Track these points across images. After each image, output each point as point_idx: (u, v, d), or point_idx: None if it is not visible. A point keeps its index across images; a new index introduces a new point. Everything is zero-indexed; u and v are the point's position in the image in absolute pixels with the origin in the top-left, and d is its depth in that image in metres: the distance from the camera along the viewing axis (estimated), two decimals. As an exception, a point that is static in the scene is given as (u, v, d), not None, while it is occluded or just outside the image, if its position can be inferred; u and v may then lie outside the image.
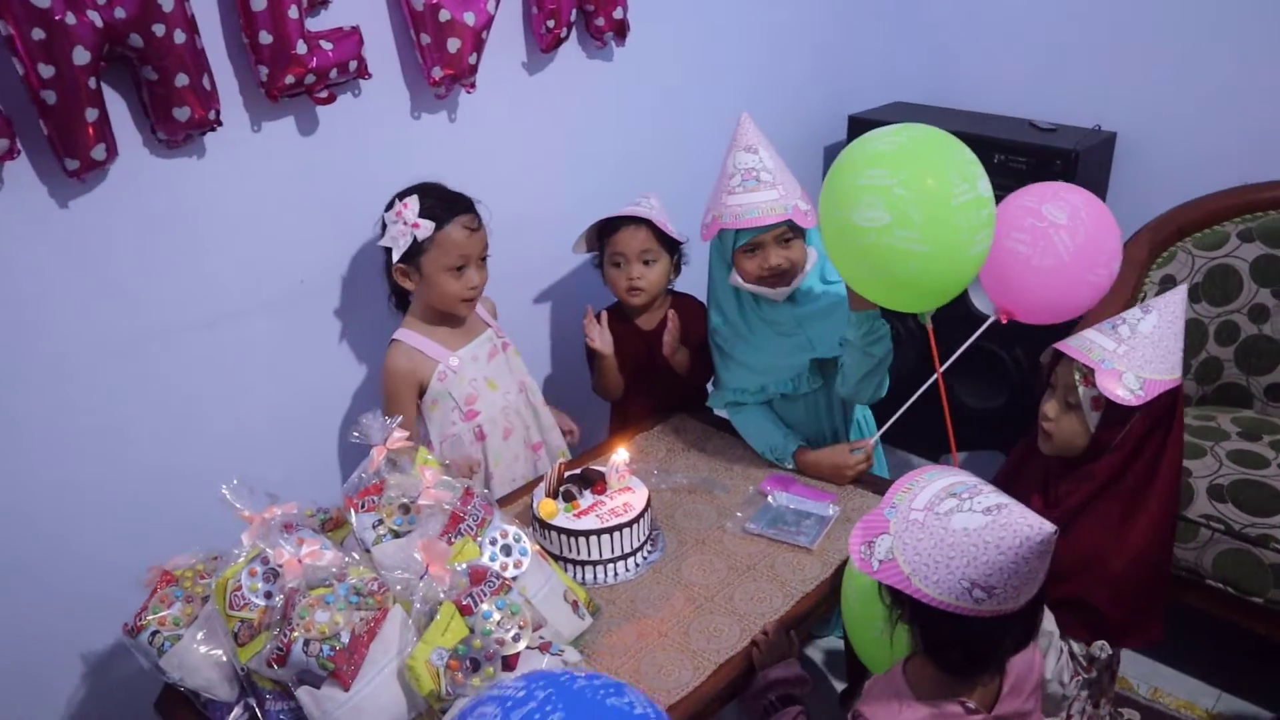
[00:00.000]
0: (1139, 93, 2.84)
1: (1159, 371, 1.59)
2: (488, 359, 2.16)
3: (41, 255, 1.73)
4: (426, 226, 1.96)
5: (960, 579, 1.23)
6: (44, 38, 1.56)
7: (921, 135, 1.76)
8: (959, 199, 1.68)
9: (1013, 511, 1.24)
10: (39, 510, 1.84)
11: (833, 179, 1.79)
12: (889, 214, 1.65)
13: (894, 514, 1.33)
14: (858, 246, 1.74)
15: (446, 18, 2.03)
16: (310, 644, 1.40)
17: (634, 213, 2.26)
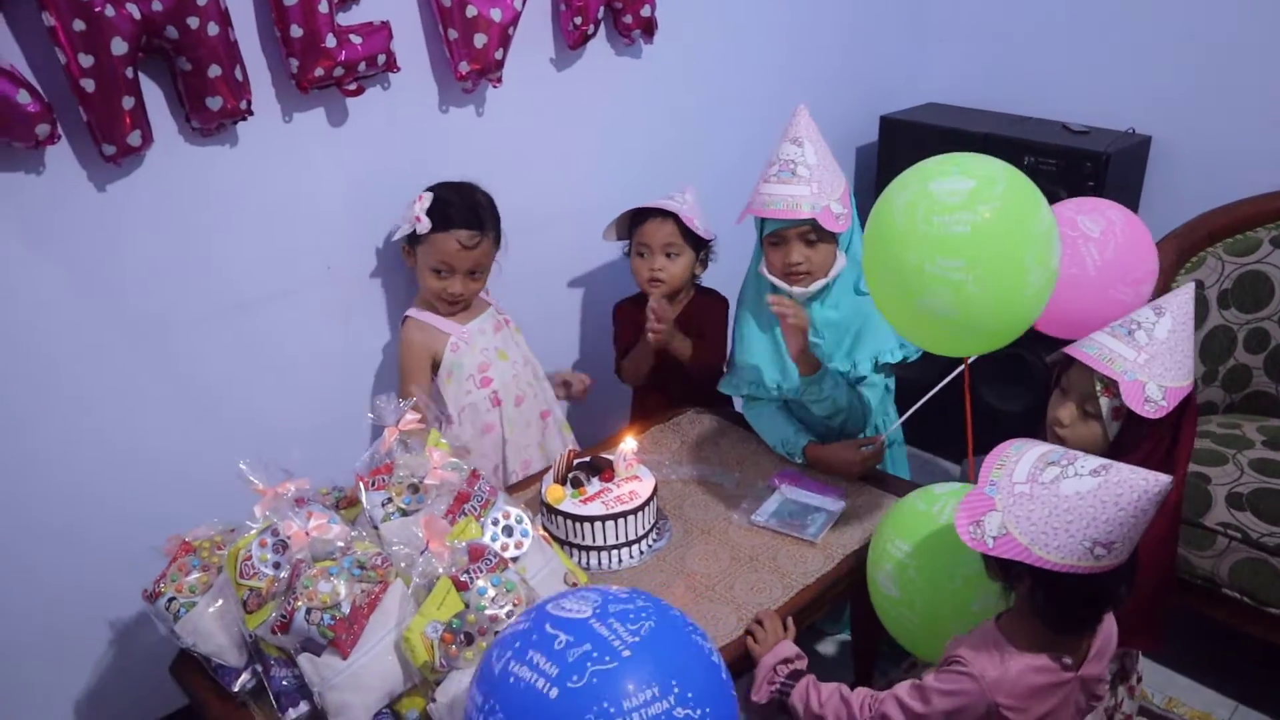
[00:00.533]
0: (1174, 97, 2.81)
1: (1177, 379, 1.57)
2: (494, 331, 2.25)
3: (79, 237, 1.82)
4: (425, 224, 2.05)
5: (1082, 540, 1.29)
6: (84, 29, 1.64)
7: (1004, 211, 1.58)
8: (1031, 289, 1.63)
9: (1121, 470, 1.30)
10: (73, 481, 1.93)
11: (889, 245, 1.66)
12: (957, 310, 1.61)
13: (996, 490, 1.37)
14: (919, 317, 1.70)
15: (474, 13, 2.09)
16: (312, 612, 1.45)
17: (663, 205, 2.30)
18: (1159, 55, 2.81)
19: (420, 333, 2.16)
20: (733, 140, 2.89)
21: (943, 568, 1.65)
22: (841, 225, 2.01)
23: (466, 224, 2.08)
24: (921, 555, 1.68)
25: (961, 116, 3.09)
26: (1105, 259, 1.83)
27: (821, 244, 2.06)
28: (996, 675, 1.38)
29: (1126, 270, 1.85)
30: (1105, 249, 1.83)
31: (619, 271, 2.54)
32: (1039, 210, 1.63)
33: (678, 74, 2.68)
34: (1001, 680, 1.38)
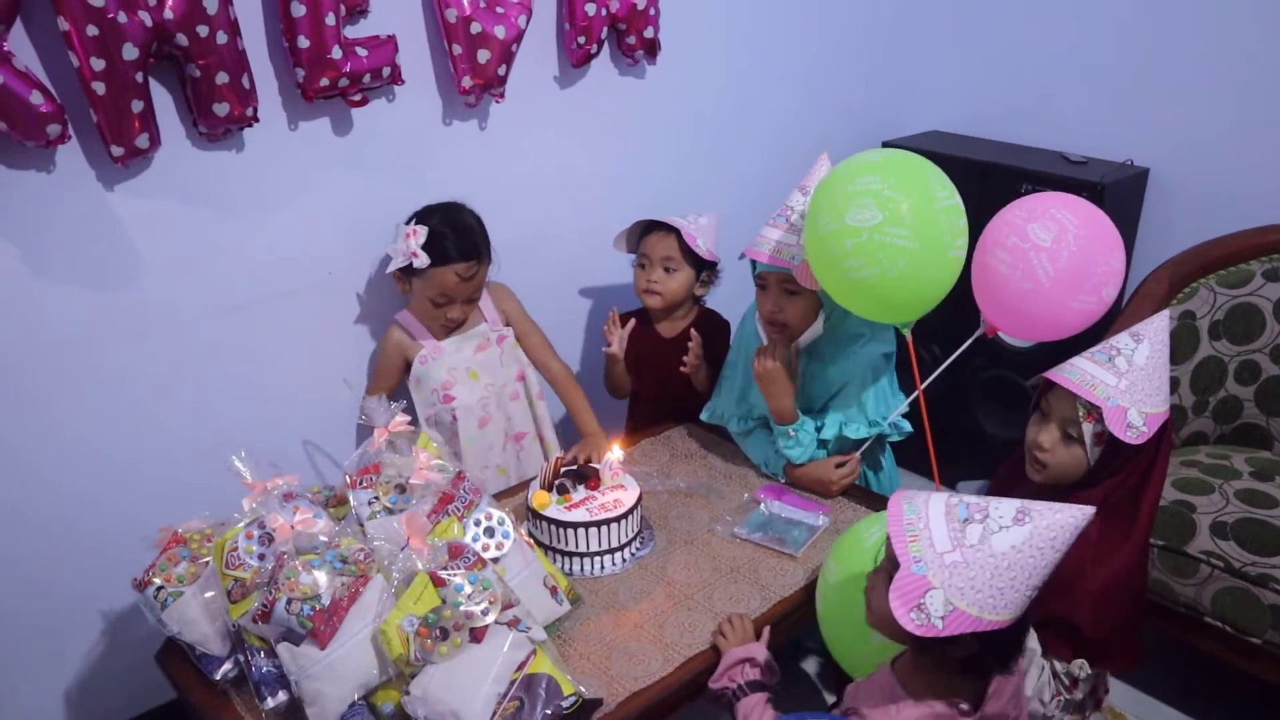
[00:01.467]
0: (1173, 129, 2.84)
1: (1156, 405, 1.60)
2: (475, 351, 2.28)
3: (84, 234, 1.88)
4: (423, 259, 2.09)
5: (1025, 591, 1.26)
6: (97, 34, 1.70)
7: (905, 155, 1.91)
8: (942, 203, 1.82)
9: (1040, 510, 1.27)
10: (69, 474, 1.98)
11: (820, 195, 1.90)
12: (881, 213, 1.77)
13: (925, 567, 1.28)
14: (848, 248, 1.81)
15: (478, 30, 2.14)
16: (292, 603, 1.49)
17: (668, 220, 2.34)
18: (1159, 89, 2.84)
19: (398, 337, 2.26)
20: (736, 163, 2.94)
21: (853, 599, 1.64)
22: (814, 284, 1.98)
23: (464, 256, 2.13)
24: (842, 580, 1.71)
25: (962, 144, 3.13)
26: (1059, 268, 1.80)
27: (800, 298, 2.07)
28: None
29: (1083, 278, 1.81)
30: (1058, 258, 1.79)
31: (617, 284, 2.58)
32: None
33: (680, 95, 2.73)
34: None
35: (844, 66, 3.13)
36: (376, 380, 2.30)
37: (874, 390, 2.09)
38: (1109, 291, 1.88)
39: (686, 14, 2.62)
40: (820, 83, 3.09)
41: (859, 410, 2.11)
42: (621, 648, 1.72)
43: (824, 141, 3.12)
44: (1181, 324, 2.49)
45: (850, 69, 3.16)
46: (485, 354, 2.29)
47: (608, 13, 2.40)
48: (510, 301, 2.37)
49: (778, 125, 3.03)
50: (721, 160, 2.91)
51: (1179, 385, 2.50)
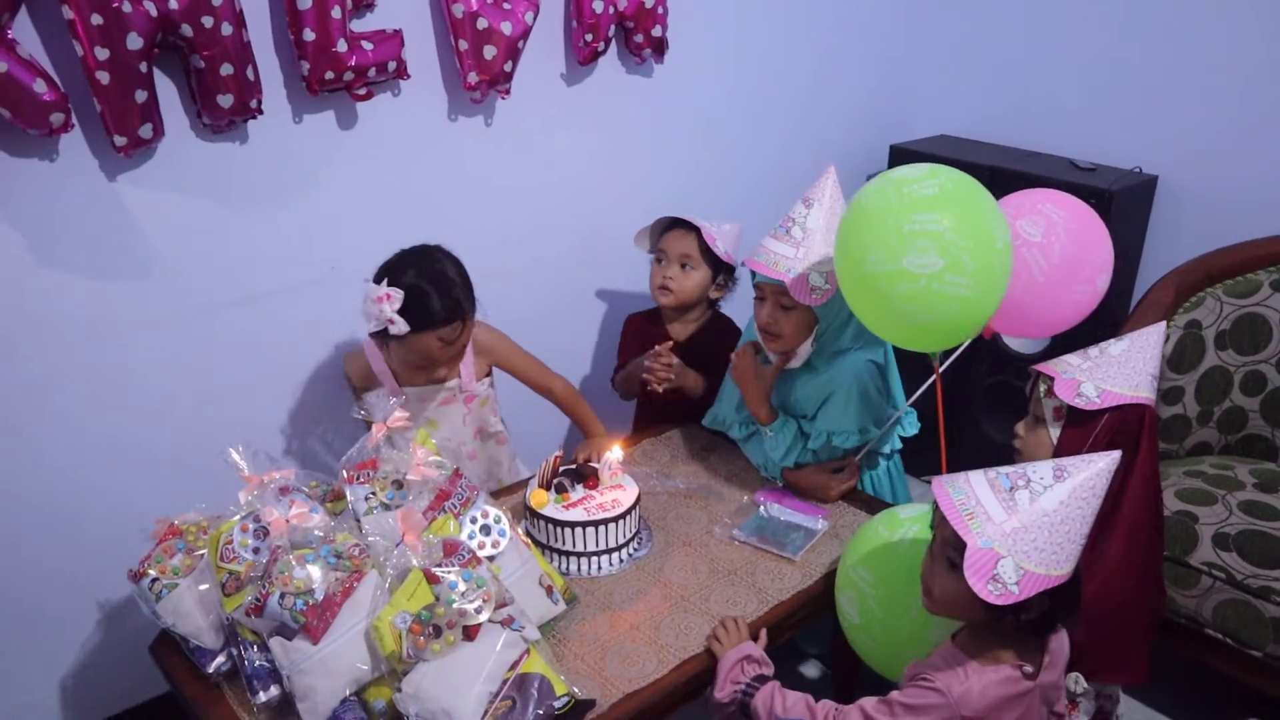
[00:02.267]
0: (1182, 137, 2.83)
1: (1119, 385, 1.60)
2: (439, 404, 2.13)
3: (86, 224, 1.88)
4: (401, 326, 1.87)
5: (1078, 540, 1.36)
6: (102, 23, 1.70)
7: (959, 179, 1.74)
8: (1000, 243, 1.71)
9: (1075, 464, 1.36)
10: (69, 464, 1.98)
11: (869, 226, 1.75)
12: (942, 259, 1.65)
13: (989, 541, 1.34)
14: (902, 292, 1.71)
15: (484, 26, 2.14)
16: (286, 597, 1.48)
17: (689, 218, 2.33)
18: (1169, 97, 2.83)
19: (358, 366, 2.13)
20: (741, 163, 2.93)
21: (900, 599, 1.67)
22: (813, 299, 1.97)
23: (447, 318, 1.91)
24: (880, 585, 1.71)
25: (971, 149, 3.12)
26: (1052, 262, 1.82)
27: (795, 312, 2.04)
28: (962, 690, 1.40)
29: (1077, 268, 1.84)
30: (1050, 252, 1.81)
31: (621, 281, 2.57)
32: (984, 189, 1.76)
33: (687, 95, 2.72)
34: (967, 695, 1.40)
35: (853, 69, 3.12)
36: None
37: (862, 399, 2.06)
38: (1103, 280, 1.90)
39: (695, 14, 2.61)
40: (829, 85, 3.08)
41: (848, 419, 2.08)
42: (616, 648, 1.71)
43: (832, 144, 3.13)
44: (1187, 333, 2.47)
45: (859, 72, 3.15)
46: (447, 408, 2.14)
47: (615, 10, 2.39)
48: (499, 348, 2.20)
49: (785, 127, 3.02)
50: (729, 160, 2.90)
51: (1184, 395, 2.48)
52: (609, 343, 2.80)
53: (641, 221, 2.42)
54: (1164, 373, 2.46)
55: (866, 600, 1.73)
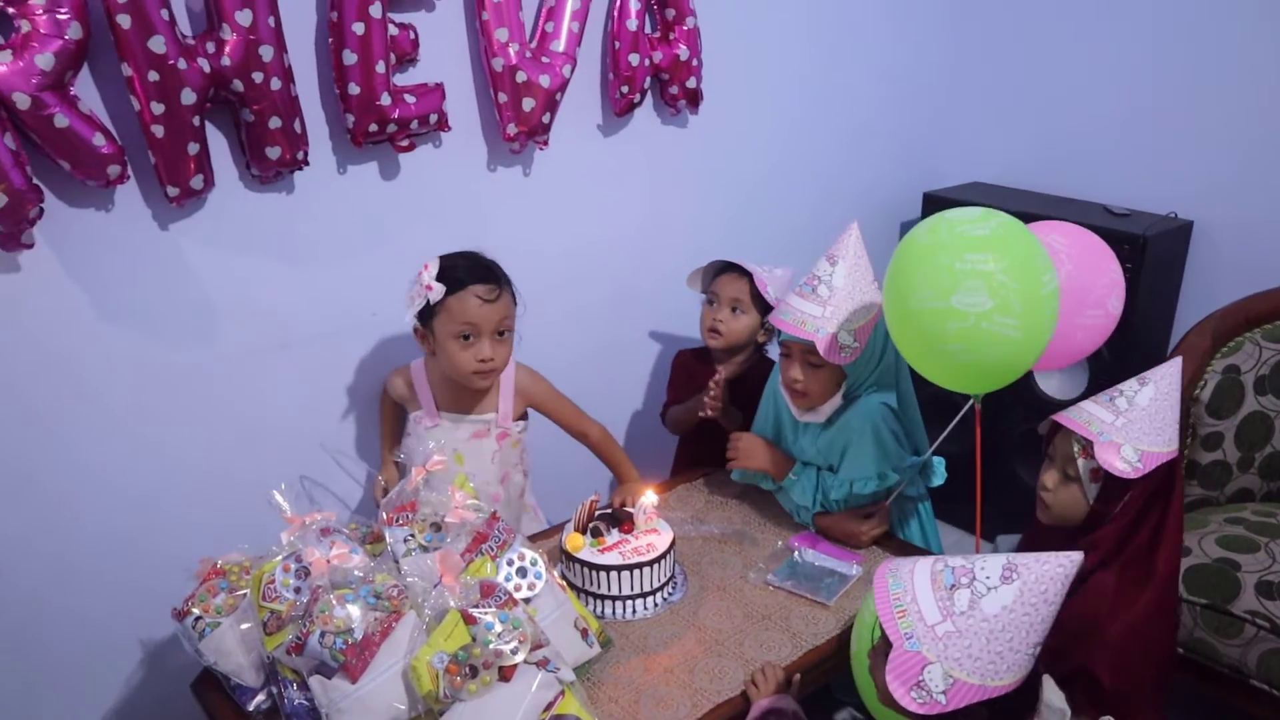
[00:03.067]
0: (1218, 182, 2.82)
1: (1156, 444, 1.60)
2: (469, 437, 2.14)
3: (140, 271, 1.94)
4: (438, 290, 1.93)
5: (1026, 650, 1.24)
6: (158, 79, 1.77)
7: (1009, 224, 1.77)
8: (1046, 288, 1.73)
9: (1027, 562, 1.25)
10: (116, 506, 2.03)
11: (919, 260, 1.78)
12: (991, 299, 1.67)
13: (918, 643, 1.27)
14: (950, 331, 1.73)
15: (523, 79, 2.20)
16: (326, 636, 1.51)
17: (742, 262, 2.37)
18: (1204, 142, 2.84)
19: (399, 382, 2.16)
20: (776, 211, 2.97)
21: None
22: (844, 358, 1.98)
23: (481, 279, 1.97)
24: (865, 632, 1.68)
25: (1004, 196, 3.13)
26: (1060, 287, 1.81)
27: (824, 370, 2.05)
28: None
29: (1085, 294, 1.86)
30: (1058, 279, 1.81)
31: (656, 327, 2.60)
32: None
33: (722, 145, 2.77)
34: None
35: (886, 118, 3.16)
36: (382, 424, 2.25)
37: (876, 443, 2.06)
38: (1114, 303, 1.92)
39: (729, 65, 2.66)
40: (862, 134, 3.12)
41: (865, 464, 2.08)
42: (651, 692, 1.72)
43: (866, 191, 3.16)
44: (1226, 378, 2.45)
45: (893, 120, 3.18)
46: (478, 442, 2.14)
47: (651, 63, 2.44)
48: (537, 388, 2.22)
49: (820, 175, 3.05)
50: (764, 209, 2.94)
51: (1224, 440, 2.46)
52: (646, 384, 2.84)
53: (678, 267, 2.46)
54: (1202, 418, 2.44)
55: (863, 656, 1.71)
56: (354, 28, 1.95)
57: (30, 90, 1.65)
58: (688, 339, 2.61)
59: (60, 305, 1.87)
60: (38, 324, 1.85)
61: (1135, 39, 2.91)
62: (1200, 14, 2.77)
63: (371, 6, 1.95)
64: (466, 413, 2.14)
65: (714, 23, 2.56)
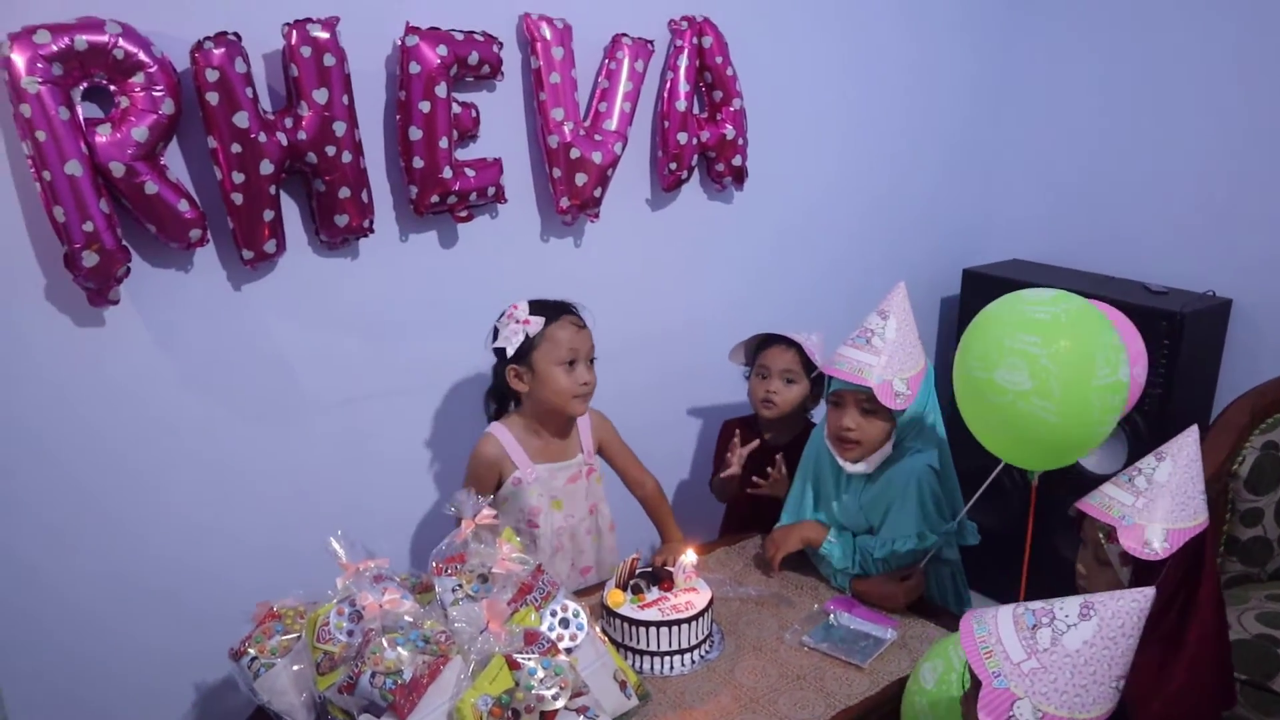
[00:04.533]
0: (1257, 262, 2.87)
1: (1181, 519, 1.61)
2: (565, 482, 2.26)
3: (214, 327, 2.07)
4: (537, 322, 2.11)
5: (1110, 682, 1.30)
6: (240, 151, 1.91)
7: (1078, 312, 1.79)
8: (1101, 380, 1.74)
9: (1104, 601, 1.31)
10: (179, 549, 2.13)
11: (979, 329, 1.84)
12: (1031, 381, 1.70)
13: (1004, 681, 1.32)
14: (991, 403, 1.79)
15: (576, 155, 2.32)
16: (376, 676, 1.57)
17: (789, 334, 2.45)
18: (1243, 220, 2.88)
19: (492, 449, 2.20)
20: (818, 286, 3.05)
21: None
22: (899, 404, 2.05)
23: (570, 309, 2.17)
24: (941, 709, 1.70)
25: (1043, 274, 3.19)
26: None
27: (877, 417, 2.13)
28: None
29: None
30: None
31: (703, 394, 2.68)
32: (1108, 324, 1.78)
33: (766, 220, 2.87)
34: None
35: (927, 194, 3.25)
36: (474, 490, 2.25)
37: (920, 503, 2.12)
38: (1137, 371, 1.92)
39: (774, 144, 2.78)
40: (903, 210, 3.21)
41: (907, 523, 2.14)
42: (686, 746, 1.76)
43: (907, 266, 3.23)
44: (1265, 454, 2.47)
45: (933, 197, 3.27)
46: (574, 485, 2.27)
47: (699, 142, 2.56)
48: (606, 427, 2.36)
49: (862, 251, 3.14)
50: (806, 282, 3.02)
51: (1263, 517, 2.46)
52: (698, 449, 2.90)
53: (722, 338, 2.54)
54: (1241, 493, 2.45)
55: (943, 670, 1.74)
56: (420, 106, 2.09)
57: (125, 160, 1.79)
58: (732, 408, 2.68)
59: (139, 356, 2.00)
60: (120, 373, 1.98)
61: (1176, 118, 2.98)
62: (1242, 94, 2.84)
63: (437, 87, 2.09)
64: (556, 460, 2.25)
65: (760, 103, 2.68)
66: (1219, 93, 2.88)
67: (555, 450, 2.26)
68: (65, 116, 1.74)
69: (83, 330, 1.93)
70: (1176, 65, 2.95)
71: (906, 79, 3.08)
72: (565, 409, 2.19)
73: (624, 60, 2.38)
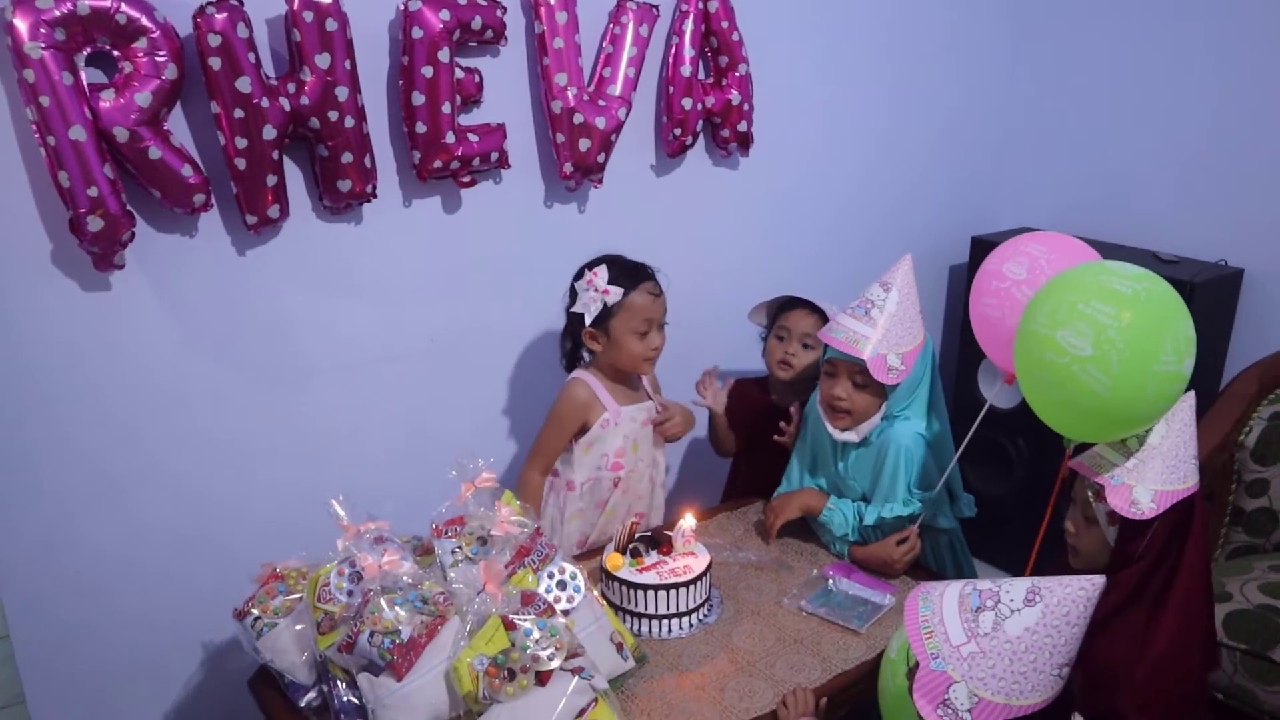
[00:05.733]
0: (1269, 231, 2.83)
1: (1171, 482, 1.60)
2: (641, 424, 2.32)
3: (218, 292, 2.09)
4: (616, 293, 2.16)
5: (1051, 671, 1.28)
6: (243, 116, 1.92)
7: (1160, 293, 1.70)
8: (1163, 366, 1.66)
9: (1051, 588, 1.30)
10: (185, 513, 2.17)
11: (1055, 289, 1.78)
12: (1094, 349, 1.64)
13: (944, 663, 1.32)
14: (1047, 361, 1.73)
15: (580, 120, 2.32)
16: (375, 636, 1.60)
17: (814, 300, 2.45)
18: (1255, 189, 2.85)
19: (586, 394, 2.25)
20: (825, 253, 3.04)
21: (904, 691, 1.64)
22: (891, 379, 2.06)
23: (648, 277, 2.21)
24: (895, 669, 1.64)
25: (1053, 242, 3.16)
26: None
27: (868, 390, 2.13)
28: None
29: None
30: (1037, 285, 1.84)
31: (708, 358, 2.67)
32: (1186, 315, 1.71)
33: (772, 186, 2.86)
34: None
35: (936, 162, 3.23)
36: (554, 436, 2.27)
37: (907, 468, 2.13)
38: None
39: (780, 109, 2.76)
40: (912, 177, 3.19)
41: (896, 490, 2.15)
42: (681, 707, 1.78)
43: (915, 234, 3.22)
44: (1272, 425, 2.46)
45: (942, 164, 3.25)
46: (646, 430, 2.33)
47: (704, 107, 2.55)
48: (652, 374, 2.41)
49: (869, 217, 3.12)
50: (811, 250, 3.01)
51: (1269, 487, 2.46)
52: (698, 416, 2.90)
53: (727, 303, 2.54)
54: (1247, 464, 2.45)
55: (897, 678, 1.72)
56: (423, 71, 2.09)
57: (129, 125, 1.80)
58: (736, 370, 2.67)
59: (145, 321, 2.02)
60: (125, 337, 2.01)
61: (1186, 86, 2.94)
62: (1252, 61, 2.80)
63: (440, 52, 2.08)
64: (636, 403, 2.32)
65: (766, 69, 2.66)
66: (1232, 59, 2.83)
67: (631, 395, 2.33)
68: (69, 82, 1.75)
69: (89, 295, 1.95)
70: (1190, 30, 2.91)
71: (916, 45, 3.05)
72: (636, 370, 2.29)
73: (628, 24, 2.37)
